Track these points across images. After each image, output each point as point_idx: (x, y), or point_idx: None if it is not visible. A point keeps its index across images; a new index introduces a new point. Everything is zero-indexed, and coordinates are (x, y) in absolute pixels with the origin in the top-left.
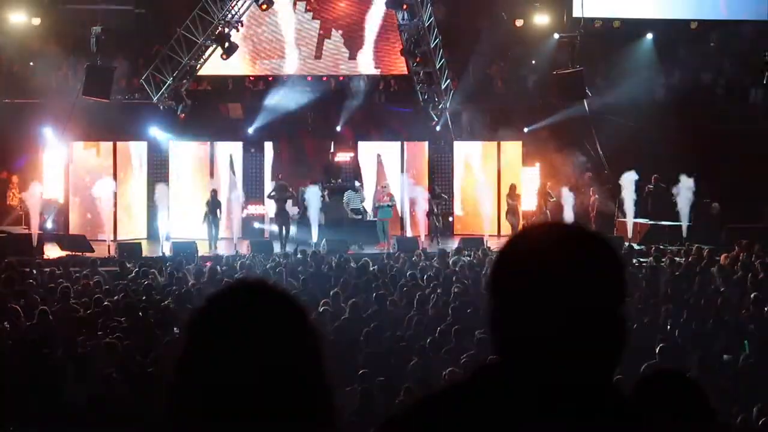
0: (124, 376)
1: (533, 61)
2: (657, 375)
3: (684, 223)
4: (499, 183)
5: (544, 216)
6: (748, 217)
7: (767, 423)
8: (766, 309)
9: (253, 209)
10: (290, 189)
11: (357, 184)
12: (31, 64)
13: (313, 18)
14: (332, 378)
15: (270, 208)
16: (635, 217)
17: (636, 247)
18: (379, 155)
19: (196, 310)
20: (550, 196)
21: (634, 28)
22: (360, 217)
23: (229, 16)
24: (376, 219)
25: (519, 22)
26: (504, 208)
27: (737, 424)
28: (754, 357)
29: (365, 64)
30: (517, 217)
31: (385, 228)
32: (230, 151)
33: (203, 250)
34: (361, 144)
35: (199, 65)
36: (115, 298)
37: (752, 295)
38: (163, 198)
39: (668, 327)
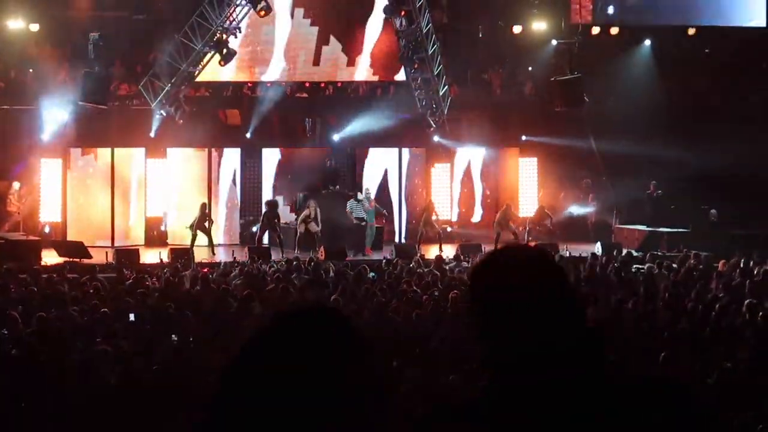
0: (124, 383)
1: (531, 68)
2: (653, 383)
3: (682, 230)
4: (497, 190)
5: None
6: (747, 223)
7: (764, 430)
8: (761, 314)
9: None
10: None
11: (360, 195)
12: (31, 70)
13: (312, 24)
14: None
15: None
16: (634, 223)
17: (634, 253)
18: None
19: (258, 330)
20: (549, 216)
21: (632, 34)
22: (364, 224)
23: (228, 22)
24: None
25: (517, 29)
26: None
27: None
28: (752, 364)
29: (363, 70)
30: (510, 230)
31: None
32: (228, 157)
33: (201, 256)
34: (358, 150)
35: (197, 71)
36: (113, 304)
37: (747, 302)
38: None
39: (666, 334)
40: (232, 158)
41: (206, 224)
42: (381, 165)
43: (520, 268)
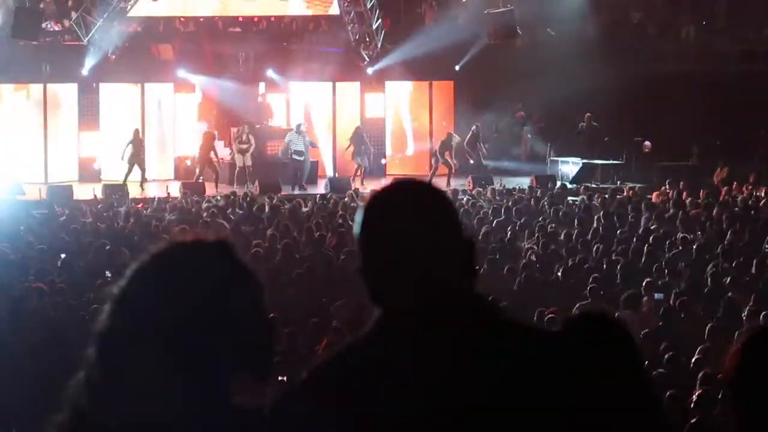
0: (59, 320)
1: (464, 0)
2: (582, 315)
3: (616, 162)
4: (431, 123)
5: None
6: (680, 155)
7: (696, 362)
8: (695, 246)
9: None
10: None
11: (302, 125)
12: None
13: None
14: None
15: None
16: (568, 155)
17: (568, 185)
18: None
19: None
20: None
21: None
22: (302, 158)
23: None
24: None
25: None
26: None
27: (664, 364)
28: (685, 295)
29: (296, 5)
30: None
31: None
32: (160, 92)
33: (135, 192)
34: (292, 85)
35: (129, 6)
36: (47, 241)
37: (680, 235)
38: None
39: (600, 265)
40: (165, 93)
41: (141, 154)
42: (313, 99)
43: (411, 214)
